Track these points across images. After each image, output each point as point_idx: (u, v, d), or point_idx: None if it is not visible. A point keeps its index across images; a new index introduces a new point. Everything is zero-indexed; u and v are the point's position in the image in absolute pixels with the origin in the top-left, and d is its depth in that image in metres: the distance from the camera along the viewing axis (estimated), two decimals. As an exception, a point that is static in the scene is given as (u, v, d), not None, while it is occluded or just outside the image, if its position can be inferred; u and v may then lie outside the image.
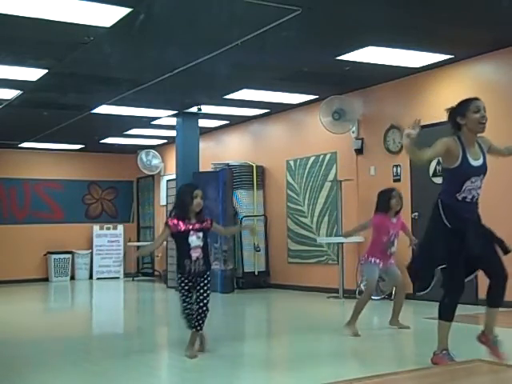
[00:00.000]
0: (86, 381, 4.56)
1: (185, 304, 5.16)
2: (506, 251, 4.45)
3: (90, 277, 14.58)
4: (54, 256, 14.16)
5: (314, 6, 5.87)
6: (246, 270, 11.07)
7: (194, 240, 5.04)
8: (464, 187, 4.32)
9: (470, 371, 4.33)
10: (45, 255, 14.31)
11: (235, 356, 5.22)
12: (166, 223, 5.09)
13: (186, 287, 5.12)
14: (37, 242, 14.25)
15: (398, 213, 6.29)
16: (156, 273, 14.60)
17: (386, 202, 6.24)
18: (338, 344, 5.85)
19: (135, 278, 14.65)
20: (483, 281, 7.79)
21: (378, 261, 6.11)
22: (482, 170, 4.40)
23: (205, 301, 5.11)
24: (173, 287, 11.36)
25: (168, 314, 9.19)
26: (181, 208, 5.08)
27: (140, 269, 15.42)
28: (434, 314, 6.97)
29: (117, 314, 9.45)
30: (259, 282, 11.02)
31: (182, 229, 5.01)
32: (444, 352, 4.38)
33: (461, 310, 7.32)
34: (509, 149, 5.03)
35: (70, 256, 14.36)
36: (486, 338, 4.53)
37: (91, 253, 14.69)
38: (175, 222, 5.03)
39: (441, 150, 4.33)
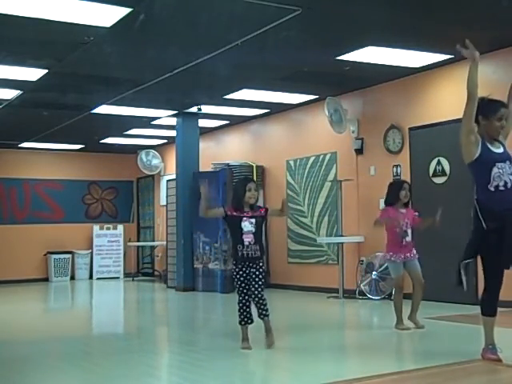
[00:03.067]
0: (86, 381, 4.56)
1: (242, 295, 5.25)
2: None
3: (90, 277, 14.59)
4: (53, 256, 14.16)
5: (314, 5, 5.87)
6: (245, 270, 11.06)
7: (247, 225, 5.20)
8: (492, 174, 4.33)
9: (470, 371, 4.33)
10: (45, 255, 14.31)
11: (235, 356, 5.21)
12: (222, 206, 5.48)
13: (242, 278, 5.22)
14: (37, 242, 14.25)
15: (406, 205, 6.41)
16: (156, 273, 14.60)
17: (395, 192, 6.36)
18: (338, 344, 5.85)
19: (135, 278, 14.65)
20: (483, 281, 7.79)
21: (396, 255, 6.20)
22: (506, 157, 4.40)
23: (258, 290, 5.20)
24: (173, 287, 11.38)
25: (168, 314, 9.19)
26: (235, 200, 5.30)
27: (140, 269, 15.42)
28: (435, 314, 6.99)
29: (117, 314, 9.45)
30: (259, 281, 11.01)
31: (236, 214, 5.24)
32: (490, 347, 4.42)
33: (461, 309, 7.35)
34: None
35: (69, 256, 14.36)
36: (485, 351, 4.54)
37: (91, 253, 14.69)
38: (229, 209, 5.31)
39: (473, 128, 4.40)
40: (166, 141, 13.81)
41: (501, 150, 4.43)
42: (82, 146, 14.22)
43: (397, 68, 8.18)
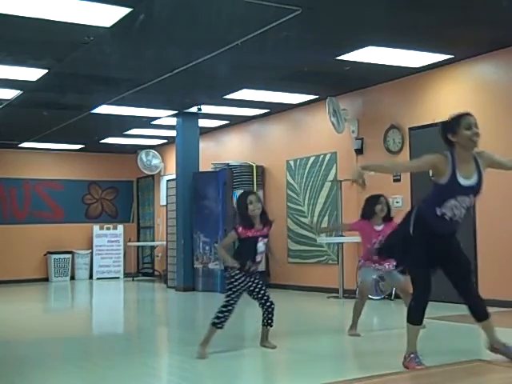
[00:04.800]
0: (86, 381, 4.56)
1: (233, 301, 5.13)
2: (469, 271, 4.53)
3: (90, 277, 14.59)
4: (53, 256, 14.16)
5: (314, 5, 5.87)
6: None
7: (261, 246, 5.18)
8: (446, 204, 4.16)
9: (470, 371, 4.33)
10: (45, 255, 14.31)
11: (235, 356, 5.21)
12: (235, 228, 5.18)
13: (242, 285, 5.15)
14: (37, 242, 14.25)
15: (386, 220, 6.02)
16: (156, 273, 14.60)
17: (371, 207, 6.05)
18: (338, 344, 5.85)
19: (135, 278, 14.65)
20: (483, 281, 7.81)
21: (369, 264, 5.98)
22: (472, 190, 4.19)
23: (267, 297, 5.24)
24: (173, 287, 11.38)
25: (168, 314, 9.19)
26: (242, 218, 5.18)
27: (140, 269, 15.42)
28: (435, 314, 6.98)
29: (117, 314, 9.45)
30: (259, 282, 11.01)
31: (251, 235, 5.13)
32: (412, 355, 4.27)
33: (461, 309, 7.33)
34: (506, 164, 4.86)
35: (69, 256, 14.36)
36: (496, 350, 4.52)
37: (91, 253, 14.69)
38: (241, 229, 5.13)
39: (424, 166, 4.36)
40: (165, 141, 13.81)
41: (471, 182, 4.17)
42: (82, 146, 14.22)
43: (397, 68, 8.18)
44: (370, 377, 4.07)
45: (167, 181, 12.66)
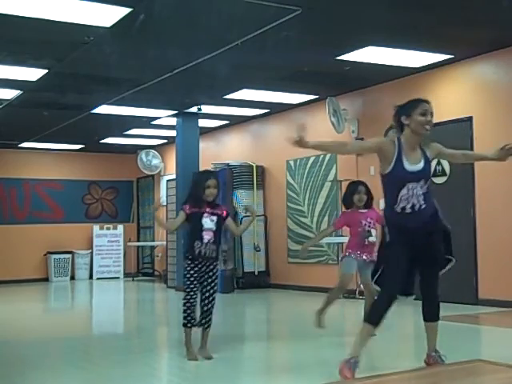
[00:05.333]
0: (86, 381, 4.55)
1: (191, 294, 4.88)
2: (440, 266, 4.35)
3: (90, 277, 14.58)
4: (53, 256, 14.16)
5: (314, 5, 5.88)
6: (245, 270, 11.07)
7: (208, 222, 4.91)
8: (400, 196, 4.02)
9: (470, 371, 4.33)
10: (45, 255, 14.31)
11: (235, 356, 5.21)
12: (182, 208, 5.04)
13: (196, 274, 4.89)
14: (37, 242, 14.25)
15: (367, 206, 5.84)
16: (156, 273, 14.60)
17: (349, 196, 5.84)
18: (338, 344, 5.84)
19: (135, 278, 14.65)
20: (483, 281, 7.81)
21: (354, 253, 5.76)
22: (421, 175, 4.05)
23: (212, 297, 4.96)
24: (173, 287, 11.37)
25: (168, 314, 9.19)
26: (193, 198, 5.01)
27: (140, 269, 15.43)
28: (434, 314, 6.97)
29: (117, 314, 9.45)
30: (259, 282, 11.02)
31: (195, 211, 4.94)
32: (352, 360, 3.99)
33: (461, 309, 7.35)
34: (466, 155, 4.80)
35: (69, 256, 14.36)
36: (430, 358, 4.34)
37: (91, 253, 14.69)
38: (188, 207, 4.98)
39: (372, 147, 4.21)
40: (165, 141, 13.82)
41: (418, 167, 4.06)
42: (82, 146, 14.23)
43: (397, 68, 8.18)
44: (369, 377, 4.07)
45: (167, 181, 12.66)
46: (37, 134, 12.45)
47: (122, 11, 5.85)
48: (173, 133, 11.77)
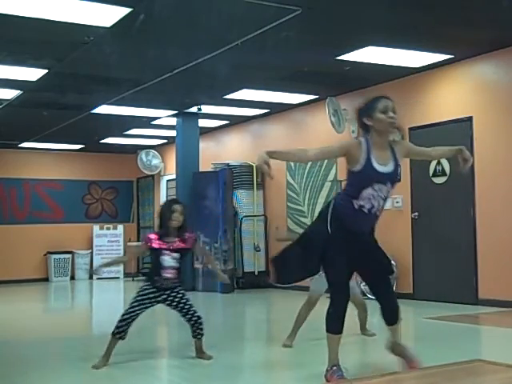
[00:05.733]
0: (86, 381, 4.56)
1: (136, 309, 4.80)
2: (389, 272, 4.22)
3: (90, 277, 14.58)
4: (53, 256, 14.16)
5: (314, 5, 5.87)
6: (245, 270, 11.07)
7: (168, 260, 4.80)
8: (363, 194, 3.86)
9: (470, 371, 4.33)
10: (45, 255, 14.31)
11: (235, 357, 5.21)
12: (144, 239, 4.97)
13: (151, 296, 4.82)
14: (37, 242, 14.25)
15: None
16: (156, 273, 14.58)
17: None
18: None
19: (135, 278, 14.64)
20: (483, 281, 7.81)
21: None
22: (389, 178, 3.89)
23: (191, 310, 4.92)
24: (173, 287, 11.37)
25: (168, 314, 9.18)
26: (161, 224, 4.92)
27: (140, 269, 15.42)
28: (434, 314, 6.99)
29: (117, 314, 9.42)
30: (259, 282, 11.02)
31: (156, 246, 4.82)
32: (334, 368, 3.93)
33: (461, 309, 7.36)
34: (437, 151, 4.61)
35: (69, 256, 14.36)
36: (395, 350, 4.25)
37: (91, 253, 14.69)
38: (152, 237, 4.88)
39: (337, 152, 4.00)
40: (165, 141, 13.82)
41: (388, 169, 3.89)
42: (82, 146, 14.23)
43: (397, 68, 8.18)
44: (369, 377, 4.07)
45: (167, 181, 12.68)
46: (37, 134, 12.45)
47: (122, 11, 5.85)
48: (173, 133, 11.78)
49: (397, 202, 8.83)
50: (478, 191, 7.82)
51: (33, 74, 8.05)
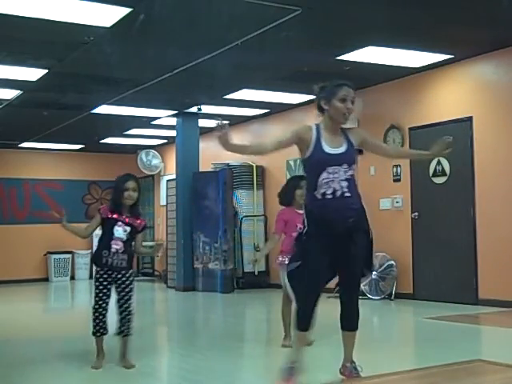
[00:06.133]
0: (86, 381, 4.56)
1: (100, 302, 4.69)
2: (363, 274, 4.01)
3: (90, 277, 14.56)
4: (53, 256, 14.16)
5: (314, 5, 5.87)
6: (245, 270, 11.07)
7: (119, 231, 4.70)
8: (320, 181, 3.70)
9: (470, 371, 4.33)
10: (45, 255, 14.30)
11: (235, 356, 5.22)
12: (98, 210, 4.89)
13: (105, 282, 4.70)
14: (37, 242, 14.24)
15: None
16: (156, 273, 14.60)
17: (291, 191, 5.34)
18: (338, 344, 5.84)
19: (135, 278, 14.63)
20: (483, 281, 7.80)
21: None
22: (343, 159, 3.74)
23: (127, 303, 4.75)
24: (173, 287, 11.38)
25: (168, 314, 9.19)
26: (112, 201, 4.81)
27: (140, 269, 15.42)
28: (434, 314, 6.99)
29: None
30: (259, 282, 11.02)
31: (110, 216, 4.74)
32: (291, 366, 3.81)
33: (461, 309, 7.36)
34: (397, 150, 4.45)
35: (69, 256, 14.36)
36: (345, 368, 4.01)
37: (91, 253, 14.67)
38: (104, 209, 4.82)
39: (290, 139, 3.80)
40: (165, 141, 13.82)
41: (340, 150, 3.76)
42: (82, 146, 14.23)
43: (397, 68, 8.18)
44: (369, 377, 4.07)
45: (167, 181, 12.66)
46: (37, 134, 12.45)
47: (122, 11, 5.85)
48: (173, 133, 11.77)
49: (397, 202, 8.84)
50: (478, 191, 7.82)
51: (33, 74, 8.05)
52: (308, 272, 3.80)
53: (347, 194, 3.74)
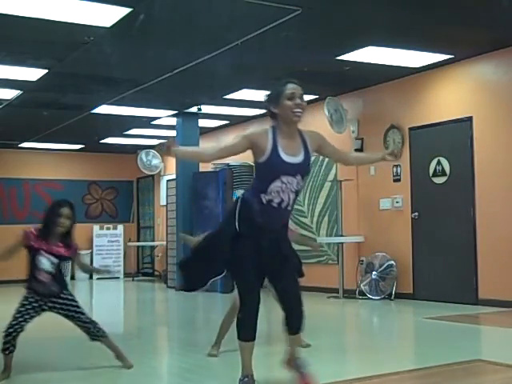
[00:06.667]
0: (86, 381, 4.55)
1: (20, 322, 4.49)
2: (300, 275, 3.95)
3: (90, 277, 14.57)
4: (53, 256, 14.14)
5: (314, 5, 5.87)
6: (246, 270, 11.05)
7: (44, 262, 4.41)
8: (271, 188, 3.53)
9: (470, 371, 4.33)
10: (45, 255, 14.29)
11: (235, 356, 5.20)
12: (25, 233, 4.49)
13: (35, 304, 4.54)
14: (37, 242, 14.23)
15: None
16: (156, 273, 14.60)
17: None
18: (338, 344, 5.85)
19: (135, 278, 14.65)
20: (483, 281, 7.80)
21: None
22: (299, 170, 3.57)
23: (80, 320, 4.64)
24: (173, 287, 11.38)
25: (168, 314, 9.19)
26: (43, 226, 4.46)
27: (140, 269, 15.42)
28: (434, 314, 6.99)
29: (117, 313, 9.44)
30: (259, 281, 11.00)
31: (34, 245, 4.42)
32: (246, 380, 3.68)
33: (461, 309, 7.36)
34: (358, 158, 4.24)
35: (69, 256, 14.34)
36: (292, 363, 3.85)
37: (91, 253, 14.69)
38: (33, 234, 4.44)
39: (243, 143, 3.56)
40: (165, 141, 13.79)
41: (297, 160, 3.57)
42: (82, 146, 14.23)
43: (397, 68, 8.18)
44: (369, 377, 4.07)
45: (167, 181, 12.67)
46: (37, 134, 12.45)
47: (122, 11, 5.85)
48: (173, 133, 11.77)
49: (397, 202, 8.84)
50: (478, 191, 7.82)
51: (33, 73, 8.05)
52: (244, 275, 3.66)
53: (289, 208, 3.63)
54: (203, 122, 11.53)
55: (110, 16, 5.99)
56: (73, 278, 14.41)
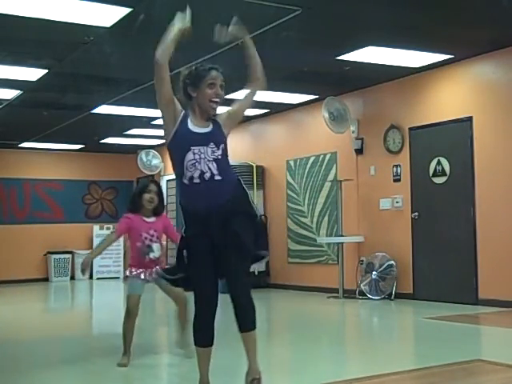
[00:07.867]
0: (86, 381, 4.56)
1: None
2: (259, 257, 3.54)
3: (90, 277, 14.58)
4: (53, 256, 14.16)
5: (314, 5, 5.88)
6: (245, 270, 11.06)
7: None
8: (185, 163, 3.34)
9: (470, 371, 4.33)
10: (45, 255, 14.31)
11: (235, 356, 5.21)
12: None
13: None
14: (37, 241, 14.25)
15: (156, 213, 4.97)
16: (156, 273, 14.59)
17: (137, 196, 4.93)
18: (338, 344, 5.85)
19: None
20: (483, 281, 7.80)
21: (136, 272, 5.04)
22: (209, 138, 3.42)
23: None
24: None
25: (168, 314, 9.19)
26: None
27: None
28: (434, 314, 6.99)
29: (117, 314, 9.43)
30: (259, 281, 11.01)
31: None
32: None
33: (461, 309, 7.36)
34: (246, 96, 4.24)
35: (69, 256, 14.36)
36: (247, 379, 3.59)
37: (91, 253, 14.66)
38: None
39: (169, 86, 3.58)
40: (165, 141, 13.79)
41: (206, 130, 3.46)
42: (82, 146, 14.23)
43: (397, 68, 8.18)
44: (369, 377, 4.08)
45: (167, 181, 12.66)
46: (37, 134, 12.45)
47: (122, 11, 5.85)
48: (173, 133, 11.77)
49: (397, 202, 8.84)
50: (477, 191, 7.83)
51: (33, 73, 8.05)
52: (194, 275, 3.43)
53: (217, 178, 3.33)
54: (203, 122, 11.52)
55: (109, 16, 5.99)
56: (73, 278, 14.42)
